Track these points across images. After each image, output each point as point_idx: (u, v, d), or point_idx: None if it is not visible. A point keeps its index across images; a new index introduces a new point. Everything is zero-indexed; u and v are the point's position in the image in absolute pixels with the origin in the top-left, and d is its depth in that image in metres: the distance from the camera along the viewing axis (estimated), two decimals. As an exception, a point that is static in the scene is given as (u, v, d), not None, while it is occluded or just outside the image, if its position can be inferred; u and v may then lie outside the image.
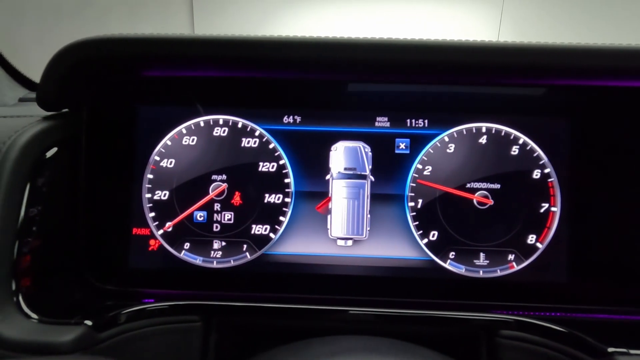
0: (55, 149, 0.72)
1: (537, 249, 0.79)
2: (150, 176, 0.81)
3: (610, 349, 0.60)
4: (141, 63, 0.77)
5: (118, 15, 3.61)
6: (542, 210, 0.79)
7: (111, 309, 0.67)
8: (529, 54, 0.68)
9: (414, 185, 0.81)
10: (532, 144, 0.79)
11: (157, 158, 0.81)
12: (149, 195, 0.81)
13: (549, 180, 0.79)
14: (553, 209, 0.79)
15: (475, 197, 0.79)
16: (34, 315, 0.63)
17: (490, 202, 0.79)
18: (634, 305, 0.76)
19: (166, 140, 0.81)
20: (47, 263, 0.71)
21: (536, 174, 0.79)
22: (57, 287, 0.74)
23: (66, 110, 0.77)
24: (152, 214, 0.81)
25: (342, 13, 4.09)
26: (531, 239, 0.79)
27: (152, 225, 0.81)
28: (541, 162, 0.79)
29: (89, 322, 0.62)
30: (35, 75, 1.07)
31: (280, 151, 0.81)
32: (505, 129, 0.80)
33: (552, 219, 0.79)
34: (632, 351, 0.59)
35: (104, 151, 0.80)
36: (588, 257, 0.78)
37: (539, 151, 0.79)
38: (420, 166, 0.81)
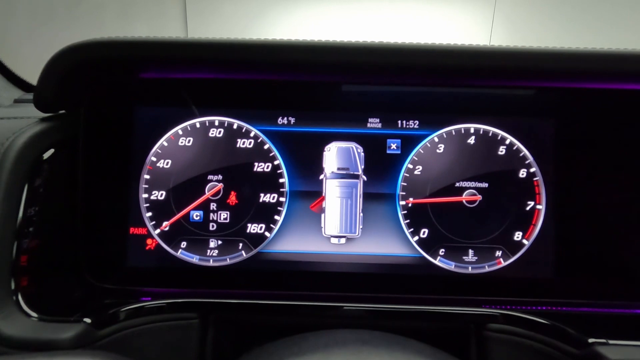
0: (52, 150, 0.73)
1: (523, 245, 0.82)
2: (147, 176, 0.82)
3: (590, 340, 0.62)
4: (138, 65, 0.78)
5: (110, 13, 3.58)
6: (528, 208, 0.82)
7: (110, 307, 0.69)
8: (518, 57, 0.70)
9: (405, 184, 0.83)
10: (518, 144, 0.82)
11: (154, 159, 0.83)
12: (145, 196, 0.82)
13: (535, 179, 0.82)
14: (538, 206, 0.82)
15: (464, 198, 0.82)
16: (33, 314, 0.64)
17: (479, 197, 0.82)
18: (616, 299, 0.79)
19: (162, 141, 0.83)
20: (46, 262, 0.72)
21: (522, 173, 0.82)
22: (56, 286, 0.75)
23: (63, 111, 0.78)
24: (149, 214, 0.82)
25: (334, 13, 4.10)
26: (517, 235, 0.82)
27: (149, 224, 0.82)
28: (527, 162, 0.82)
29: (88, 320, 0.63)
30: (27, 73, 1.07)
31: (275, 152, 0.83)
32: (492, 129, 0.83)
33: (538, 217, 0.81)
34: (611, 341, 0.62)
35: (101, 152, 0.81)
36: (572, 253, 0.81)
37: (525, 151, 0.82)
38: (411, 166, 0.83)
